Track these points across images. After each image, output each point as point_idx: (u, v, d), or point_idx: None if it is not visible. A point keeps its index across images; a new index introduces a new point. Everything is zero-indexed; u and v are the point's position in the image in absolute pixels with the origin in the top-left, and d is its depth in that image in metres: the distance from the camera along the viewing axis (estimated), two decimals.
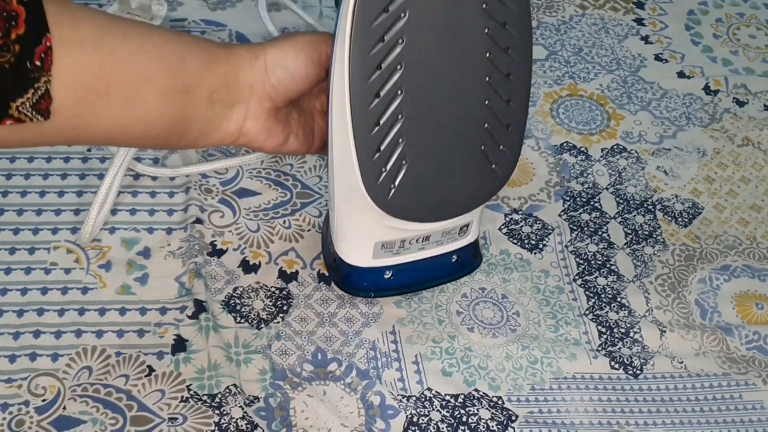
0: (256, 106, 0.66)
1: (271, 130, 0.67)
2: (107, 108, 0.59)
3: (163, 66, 0.61)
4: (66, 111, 0.56)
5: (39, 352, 0.70)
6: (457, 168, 0.67)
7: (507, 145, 0.67)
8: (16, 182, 0.79)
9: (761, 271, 0.82)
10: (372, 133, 0.62)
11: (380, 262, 0.71)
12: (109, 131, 0.61)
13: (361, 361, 0.73)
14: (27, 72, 0.53)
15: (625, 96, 0.94)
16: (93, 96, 0.57)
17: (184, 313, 0.73)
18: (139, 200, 0.80)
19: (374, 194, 0.65)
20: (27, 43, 0.52)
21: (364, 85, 0.61)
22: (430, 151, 0.65)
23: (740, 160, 0.90)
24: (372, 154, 0.63)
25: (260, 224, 0.80)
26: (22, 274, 0.74)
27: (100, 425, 0.67)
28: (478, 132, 0.66)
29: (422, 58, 0.61)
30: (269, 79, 0.66)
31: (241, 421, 0.68)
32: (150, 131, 0.62)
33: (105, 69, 0.58)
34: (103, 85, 0.58)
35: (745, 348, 0.77)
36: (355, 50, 0.60)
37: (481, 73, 0.63)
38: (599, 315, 0.77)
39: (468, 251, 0.75)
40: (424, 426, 0.70)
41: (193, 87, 0.62)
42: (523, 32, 0.63)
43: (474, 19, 0.61)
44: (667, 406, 0.73)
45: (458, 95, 0.64)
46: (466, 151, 0.66)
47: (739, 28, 1.02)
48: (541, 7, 1.01)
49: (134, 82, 0.59)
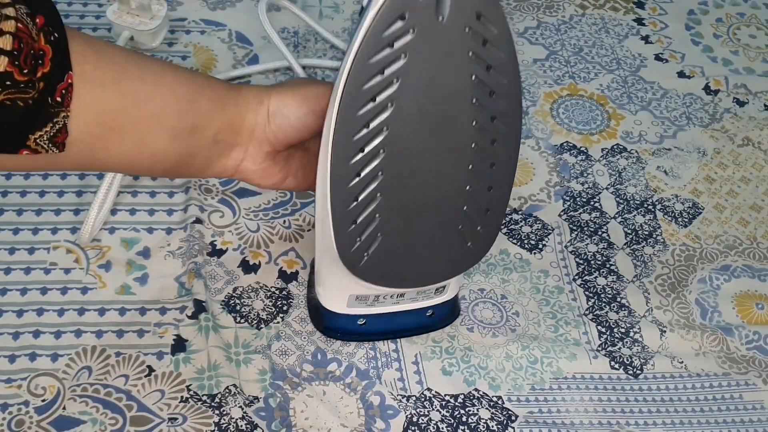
0: (254, 149, 0.67)
1: (267, 171, 0.69)
2: (119, 145, 0.60)
3: (177, 108, 0.62)
4: (80, 144, 0.58)
5: (39, 352, 0.70)
6: (431, 243, 0.67)
7: (485, 226, 0.67)
8: (15, 182, 0.79)
9: (761, 271, 0.82)
10: (349, 208, 0.63)
11: (354, 310, 0.72)
12: (118, 165, 0.63)
13: (361, 361, 0.73)
14: (48, 107, 0.54)
15: (626, 96, 0.94)
16: (106, 133, 0.59)
17: (184, 313, 0.73)
18: (139, 200, 0.80)
19: (347, 260, 0.66)
20: (50, 80, 0.54)
21: (345, 165, 0.61)
22: (405, 227, 0.65)
23: (740, 160, 0.90)
24: (348, 225, 0.64)
25: (260, 224, 0.80)
26: (21, 274, 0.74)
27: (100, 425, 0.67)
28: (456, 214, 0.66)
29: (406, 145, 0.61)
30: (270, 126, 0.66)
31: (240, 421, 0.68)
32: (156, 166, 0.64)
33: (122, 109, 0.59)
34: (118, 124, 0.59)
35: (745, 348, 0.77)
36: (339, 133, 0.60)
37: (465, 162, 0.63)
38: (599, 315, 0.77)
39: (445, 308, 0.75)
40: (423, 426, 0.70)
41: (201, 128, 0.64)
42: (511, 125, 0.63)
43: (462, 111, 0.61)
44: (667, 406, 0.73)
45: (439, 180, 0.64)
46: (443, 229, 0.66)
47: (739, 28, 1.02)
48: (541, 6, 1.01)
49: (147, 123, 0.61)
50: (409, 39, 0.58)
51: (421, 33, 0.58)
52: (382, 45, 0.58)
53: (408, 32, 0.58)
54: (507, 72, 0.61)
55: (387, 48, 0.58)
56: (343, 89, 0.59)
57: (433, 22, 0.58)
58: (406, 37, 0.58)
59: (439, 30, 0.58)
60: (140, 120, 0.60)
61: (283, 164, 0.70)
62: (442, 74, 0.59)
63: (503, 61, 0.60)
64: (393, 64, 0.58)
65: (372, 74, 0.59)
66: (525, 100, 0.92)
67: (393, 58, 0.58)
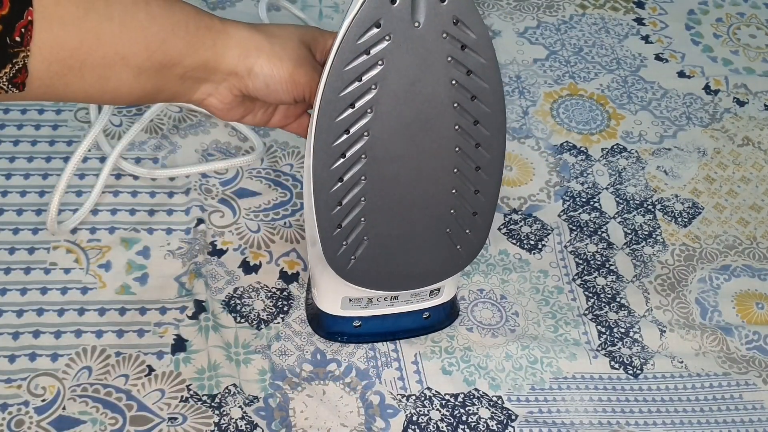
0: (225, 90, 0.65)
1: (231, 110, 0.67)
2: (79, 82, 0.58)
3: (143, 47, 0.59)
4: (38, 81, 0.56)
5: (39, 352, 0.70)
6: (419, 246, 0.67)
7: (473, 229, 0.67)
8: (15, 182, 0.80)
9: (761, 270, 0.82)
10: (333, 212, 0.63)
11: (349, 313, 0.72)
12: (79, 98, 0.61)
13: (361, 361, 0.73)
14: (6, 48, 0.52)
15: (626, 96, 0.94)
16: (66, 70, 0.56)
17: (184, 313, 0.73)
18: (139, 200, 0.80)
19: (334, 264, 0.66)
20: (9, 21, 0.52)
21: (327, 171, 0.62)
22: (392, 230, 0.65)
23: (740, 160, 0.90)
24: (333, 229, 0.64)
25: (260, 225, 0.80)
26: (21, 274, 0.74)
27: (100, 425, 0.67)
28: (443, 217, 0.66)
29: (387, 150, 0.61)
30: (247, 81, 0.64)
31: (240, 421, 0.68)
32: (118, 99, 0.62)
33: (83, 47, 0.56)
34: (78, 62, 0.57)
35: (745, 348, 0.77)
36: (320, 139, 0.61)
37: (449, 166, 0.63)
38: (599, 315, 0.77)
39: (442, 310, 0.74)
40: (423, 425, 0.70)
41: (170, 65, 0.61)
42: (494, 129, 0.63)
43: (444, 116, 0.61)
44: (667, 406, 0.73)
45: (424, 184, 0.64)
46: (430, 232, 0.66)
47: (739, 28, 1.02)
48: (541, 6, 1.01)
49: (111, 61, 0.58)
50: (385, 46, 0.58)
51: (398, 40, 0.58)
52: (358, 52, 0.58)
53: (384, 39, 0.58)
54: (488, 76, 0.61)
55: (363, 55, 0.58)
56: (321, 96, 0.59)
57: (409, 28, 0.58)
58: (382, 44, 0.58)
59: (416, 36, 0.58)
60: (102, 58, 0.58)
61: (249, 104, 0.68)
62: (421, 80, 0.59)
63: (483, 65, 0.60)
64: (370, 71, 0.59)
65: (349, 81, 0.59)
66: (525, 100, 0.92)
67: (370, 65, 0.58)
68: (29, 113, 0.84)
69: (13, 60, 0.53)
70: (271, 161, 0.84)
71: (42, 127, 0.83)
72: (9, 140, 0.82)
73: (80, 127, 0.84)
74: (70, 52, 0.56)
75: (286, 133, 0.72)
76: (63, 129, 0.84)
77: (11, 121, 0.83)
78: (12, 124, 0.83)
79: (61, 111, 0.85)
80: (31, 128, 0.83)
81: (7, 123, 0.83)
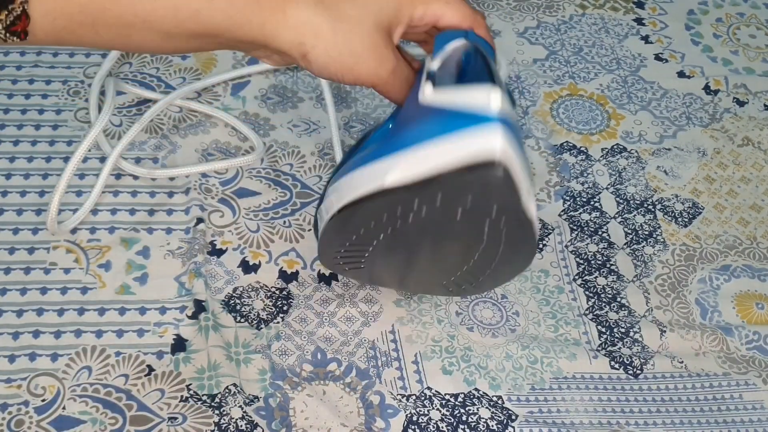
0: (278, 59, 0.61)
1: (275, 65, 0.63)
2: (93, 36, 0.53)
3: (171, 14, 0.54)
4: (42, 34, 0.52)
5: (38, 352, 0.70)
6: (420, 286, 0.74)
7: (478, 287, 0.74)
8: (15, 182, 0.79)
9: (761, 271, 0.82)
10: (335, 252, 0.70)
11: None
12: (100, 48, 0.57)
13: (361, 361, 0.73)
14: None
15: (625, 96, 0.94)
16: (75, 26, 0.52)
17: (184, 312, 0.73)
18: (139, 200, 0.80)
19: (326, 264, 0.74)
20: None
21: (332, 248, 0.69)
22: (395, 270, 0.71)
23: (740, 160, 0.90)
24: (333, 254, 0.71)
25: (260, 224, 0.80)
26: (21, 274, 0.74)
27: (100, 425, 0.67)
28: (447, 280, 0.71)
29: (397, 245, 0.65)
30: (302, 63, 0.59)
31: (240, 421, 0.68)
32: (148, 52, 0.58)
33: (93, 4, 0.52)
34: (89, 18, 0.52)
35: (745, 348, 0.77)
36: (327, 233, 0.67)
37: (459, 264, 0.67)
38: (599, 315, 0.77)
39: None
40: (424, 425, 0.70)
41: (205, 36, 0.56)
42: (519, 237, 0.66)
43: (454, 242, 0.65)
44: (667, 406, 0.73)
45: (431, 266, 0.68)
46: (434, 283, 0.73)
47: (739, 28, 1.02)
48: (541, 6, 1.01)
49: (128, 22, 0.54)
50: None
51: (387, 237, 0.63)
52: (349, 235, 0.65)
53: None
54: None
55: (354, 235, 0.64)
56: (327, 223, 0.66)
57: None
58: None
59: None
60: (118, 18, 0.53)
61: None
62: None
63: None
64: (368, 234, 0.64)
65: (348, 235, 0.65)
66: (525, 100, 0.92)
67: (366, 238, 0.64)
68: (29, 113, 0.84)
69: (8, 6, 0.49)
70: (271, 161, 0.84)
71: (42, 127, 0.83)
72: (9, 140, 0.82)
73: (80, 127, 0.84)
74: (78, 8, 0.52)
75: (287, 133, 0.72)
76: (63, 129, 0.84)
77: (11, 121, 0.83)
78: (12, 124, 0.83)
79: (61, 111, 0.85)
80: (31, 128, 0.83)
81: (7, 123, 0.83)
